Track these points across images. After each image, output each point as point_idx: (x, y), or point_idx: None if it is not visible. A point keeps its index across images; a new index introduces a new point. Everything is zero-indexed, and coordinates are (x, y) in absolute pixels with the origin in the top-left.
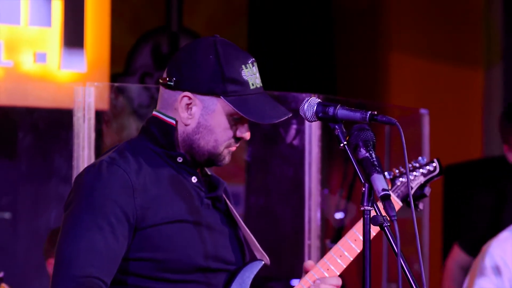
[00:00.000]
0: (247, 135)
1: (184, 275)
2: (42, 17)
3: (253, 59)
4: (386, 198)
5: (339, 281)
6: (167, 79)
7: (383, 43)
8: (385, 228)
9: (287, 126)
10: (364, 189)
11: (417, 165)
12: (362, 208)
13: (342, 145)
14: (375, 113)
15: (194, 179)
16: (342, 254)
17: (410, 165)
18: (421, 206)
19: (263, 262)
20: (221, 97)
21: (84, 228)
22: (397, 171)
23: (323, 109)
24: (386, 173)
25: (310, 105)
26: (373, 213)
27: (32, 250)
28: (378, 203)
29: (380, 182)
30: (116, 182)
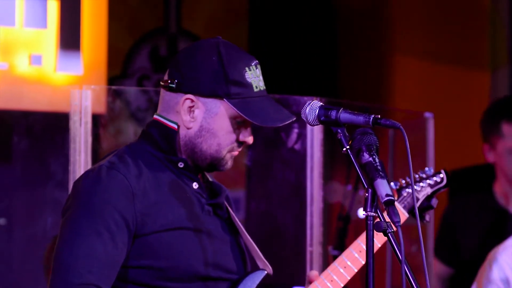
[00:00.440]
0: (250, 139)
1: (184, 284)
2: (37, 18)
3: (257, 61)
4: (390, 203)
5: None
6: (168, 81)
7: (387, 44)
8: (388, 234)
9: (289, 130)
10: (367, 194)
11: (424, 175)
12: (365, 214)
13: (344, 149)
14: (379, 116)
15: (195, 185)
16: (347, 265)
17: (417, 175)
18: (427, 217)
19: (265, 272)
20: (224, 99)
21: (83, 234)
22: (403, 181)
23: (325, 112)
24: (392, 184)
25: (312, 108)
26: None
27: (27, 257)
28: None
29: (383, 187)
30: (115, 187)
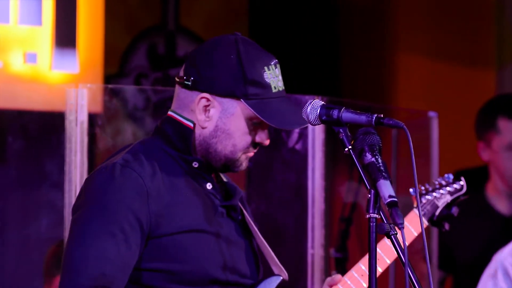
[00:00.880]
0: (266, 141)
1: None
2: (32, 15)
3: (276, 60)
4: (393, 205)
5: None
6: (184, 78)
7: (390, 42)
8: (392, 236)
9: (289, 130)
10: (369, 195)
11: (443, 182)
12: (368, 216)
13: (347, 149)
14: (382, 116)
15: (209, 186)
16: (364, 273)
17: (437, 182)
18: (447, 226)
19: (281, 278)
20: (241, 100)
21: (95, 234)
22: (422, 188)
23: (327, 111)
24: (410, 190)
25: (313, 107)
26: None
27: (21, 259)
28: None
29: (386, 188)
30: (130, 186)
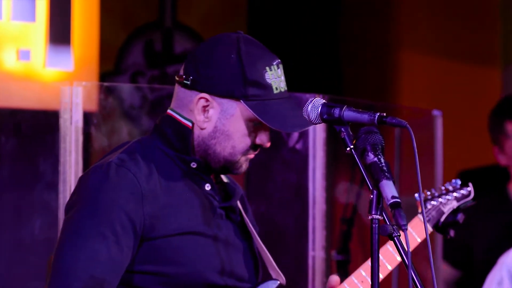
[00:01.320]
0: (267, 144)
1: None
2: (25, 11)
3: (279, 60)
4: (396, 206)
5: None
6: (183, 77)
7: (393, 38)
8: (395, 238)
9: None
10: (372, 196)
11: (450, 188)
12: (370, 217)
13: (348, 149)
14: (384, 114)
15: (208, 187)
16: (365, 279)
17: (443, 187)
18: (452, 233)
19: (278, 282)
20: (241, 101)
21: (86, 235)
22: (428, 193)
23: (328, 110)
24: (415, 195)
25: (314, 106)
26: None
27: (15, 261)
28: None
29: (389, 189)
30: (124, 187)
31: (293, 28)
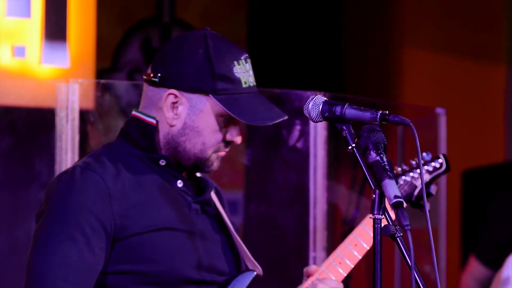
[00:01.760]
0: (238, 139)
1: None
2: (20, 7)
3: (247, 55)
4: (398, 205)
5: (340, 286)
6: (151, 75)
7: (396, 36)
8: (397, 239)
9: (290, 127)
10: (374, 196)
11: (421, 161)
12: (372, 217)
13: (350, 147)
14: (387, 112)
15: (180, 183)
16: (342, 261)
17: (414, 161)
18: (427, 206)
19: (255, 273)
20: (210, 95)
21: (57, 240)
22: (399, 169)
23: (329, 108)
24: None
25: (315, 104)
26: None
27: (10, 262)
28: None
29: (392, 188)
30: (91, 189)
31: (294, 24)
